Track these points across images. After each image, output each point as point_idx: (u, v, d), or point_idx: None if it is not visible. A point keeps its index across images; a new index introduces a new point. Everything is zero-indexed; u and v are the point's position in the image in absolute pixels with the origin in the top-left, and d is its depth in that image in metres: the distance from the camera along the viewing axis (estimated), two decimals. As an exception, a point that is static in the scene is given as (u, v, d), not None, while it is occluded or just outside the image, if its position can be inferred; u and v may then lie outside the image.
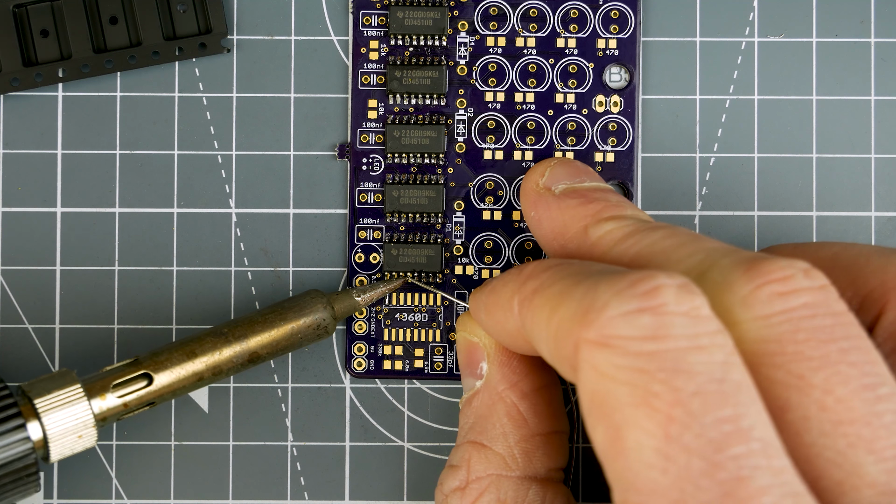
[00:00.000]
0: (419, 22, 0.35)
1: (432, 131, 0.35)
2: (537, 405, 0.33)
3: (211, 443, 0.36)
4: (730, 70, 0.36)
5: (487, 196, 0.36)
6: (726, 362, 0.25)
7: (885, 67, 0.36)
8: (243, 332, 0.34)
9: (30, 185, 0.36)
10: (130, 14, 0.36)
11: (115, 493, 0.36)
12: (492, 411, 0.32)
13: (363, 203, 0.36)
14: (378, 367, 0.36)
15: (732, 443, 0.24)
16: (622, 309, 0.25)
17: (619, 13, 0.36)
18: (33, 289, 0.36)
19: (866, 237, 0.36)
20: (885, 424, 0.25)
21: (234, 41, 0.36)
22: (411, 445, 0.36)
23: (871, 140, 0.36)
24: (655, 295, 0.25)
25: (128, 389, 0.33)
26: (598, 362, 0.25)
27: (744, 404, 0.24)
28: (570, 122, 0.36)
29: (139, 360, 0.33)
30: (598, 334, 0.25)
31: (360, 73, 0.36)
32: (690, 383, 0.24)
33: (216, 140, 0.36)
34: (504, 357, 0.33)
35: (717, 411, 0.24)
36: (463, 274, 0.36)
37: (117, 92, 0.36)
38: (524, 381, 0.33)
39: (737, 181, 0.36)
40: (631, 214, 0.31)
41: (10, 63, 0.35)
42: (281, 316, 0.34)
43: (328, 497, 0.36)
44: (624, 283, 0.26)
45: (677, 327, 0.25)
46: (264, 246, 0.36)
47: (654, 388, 0.24)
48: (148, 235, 0.36)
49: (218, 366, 0.33)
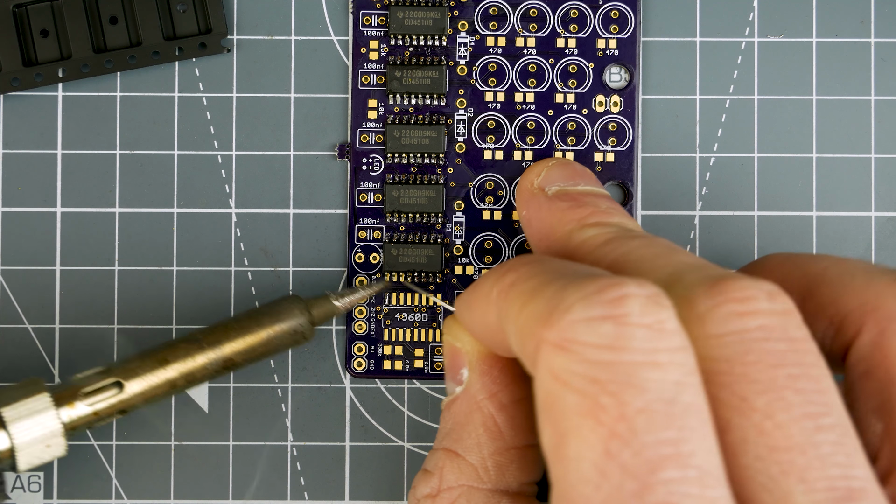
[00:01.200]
0: (419, 22, 0.35)
1: (432, 131, 0.35)
2: (515, 417, 0.32)
3: (211, 443, 0.36)
4: (730, 70, 0.36)
5: (487, 196, 0.36)
6: (680, 382, 0.24)
7: (885, 67, 0.36)
8: (217, 339, 0.33)
9: (30, 185, 0.36)
10: (130, 14, 0.36)
11: (115, 493, 0.36)
12: (468, 420, 0.32)
13: (363, 203, 0.36)
14: (378, 367, 0.36)
15: (668, 466, 0.23)
16: (585, 314, 0.25)
17: (619, 13, 0.36)
18: (33, 289, 0.36)
19: (866, 237, 0.36)
20: (820, 455, 0.24)
21: (234, 41, 0.36)
22: (411, 445, 0.36)
23: (871, 140, 0.36)
24: (621, 304, 0.25)
25: (98, 398, 0.32)
26: (554, 365, 0.25)
27: (689, 428, 0.24)
28: (570, 122, 0.36)
29: (110, 368, 0.33)
30: (559, 336, 0.25)
31: (360, 73, 0.36)
32: (638, 399, 0.24)
33: (216, 140, 0.36)
34: (485, 366, 0.32)
35: (660, 432, 0.24)
36: (463, 274, 0.36)
37: (117, 92, 0.36)
38: (503, 391, 0.32)
39: (737, 181, 0.36)
40: (617, 222, 0.31)
41: (10, 63, 0.35)
42: (257, 322, 0.33)
43: (328, 497, 0.36)
44: (592, 287, 0.25)
45: (637, 339, 0.24)
46: (264, 246, 0.36)
47: (603, 400, 0.24)
48: (148, 235, 0.36)
49: (191, 373, 0.33)
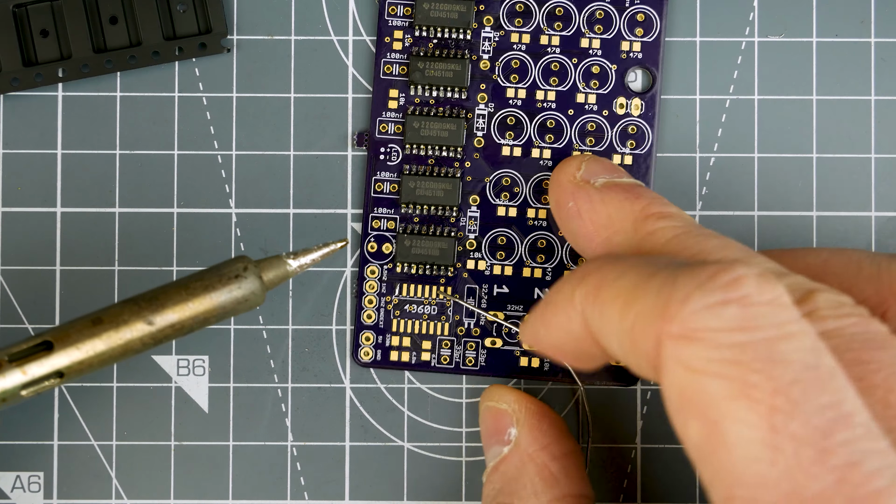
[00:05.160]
0: (445, 14, 0.35)
1: (452, 124, 0.35)
2: (567, 468, 0.33)
3: (211, 443, 0.36)
4: (730, 70, 0.36)
5: (503, 192, 0.36)
6: (815, 347, 0.25)
7: (885, 67, 0.36)
8: (157, 300, 0.31)
9: (30, 185, 0.36)
10: (130, 14, 0.36)
11: (115, 493, 0.36)
12: (521, 473, 0.33)
13: (379, 192, 0.36)
14: (385, 358, 0.36)
15: (839, 428, 0.24)
16: (706, 301, 0.25)
17: (645, 16, 0.36)
18: (33, 289, 0.36)
19: (866, 237, 0.36)
20: None
21: (234, 41, 0.36)
22: (411, 445, 0.36)
23: (871, 140, 0.36)
24: (738, 286, 0.25)
25: (28, 360, 0.31)
26: (685, 357, 0.25)
27: (841, 389, 0.24)
28: (590, 122, 0.36)
29: (42, 333, 0.31)
30: (683, 328, 0.25)
31: (383, 62, 0.36)
32: (787, 372, 0.24)
33: (216, 140, 0.36)
34: (535, 420, 0.33)
35: (818, 398, 0.24)
36: (475, 269, 0.36)
37: (117, 92, 0.36)
38: (554, 444, 0.33)
39: (737, 181, 0.36)
40: (676, 213, 0.31)
41: (10, 63, 0.35)
42: (202, 284, 0.31)
43: (328, 497, 0.36)
44: (704, 274, 0.25)
45: (764, 317, 0.25)
46: (264, 246, 0.36)
47: (752, 378, 0.24)
48: (148, 235, 0.36)
49: (128, 332, 0.31)
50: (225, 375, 0.36)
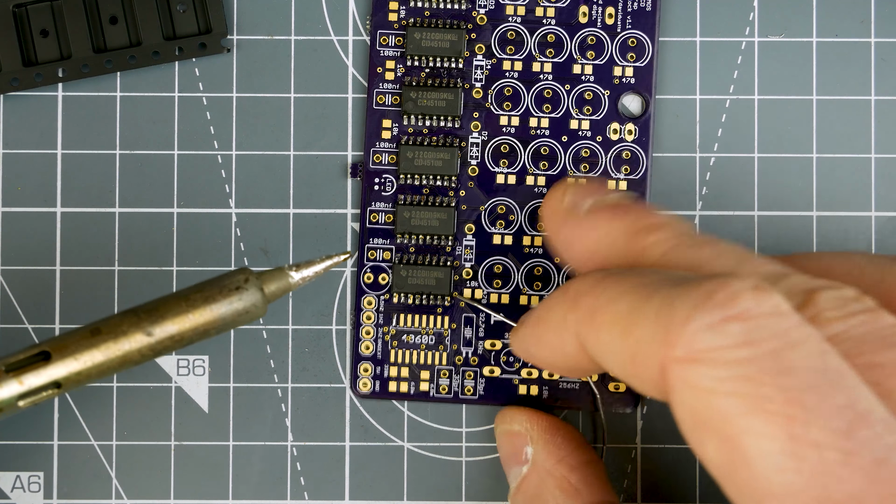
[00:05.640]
0: (436, 43, 0.35)
1: (446, 153, 0.35)
2: (587, 477, 0.33)
3: (211, 443, 0.36)
4: (730, 70, 0.36)
5: (499, 220, 0.36)
6: (821, 350, 0.24)
7: (885, 67, 0.36)
8: (157, 311, 0.31)
9: (30, 185, 0.36)
10: (130, 14, 0.36)
11: (115, 493, 0.36)
12: (542, 488, 0.33)
13: (374, 223, 0.36)
14: (384, 389, 0.36)
15: (858, 427, 0.24)
16: (706, 321, 0.25)
17: (637, 41, 0.36)
18: (33, 289, 0.36)
19: (866, 237, 0.36)
20: None
21: (234, 41, 0.36)
22: (411, 445, 0.36)
23: (871, 140, 0.36)
24: (735, 301, 0.25)
25: (25, 371, 0.30)
26: (694, 379, 0.25)
27: (853, 387, 0.24)
28: (584, 148, 0.36)
29: (40, 343, 0.31)
30: (688, 350, 0.25)
31: (376, 92, 0.36)
32: (797, 380, 0.24)
33: (216, 140, 0.36)
34: (548, 435, 0.33)
35: (833, 400, 0.24)
36: (472, 297, 0.36)
37: (117, 92, 0.36)
38: (571, 456, 0.33)
39: (737, 181, 0.36)
40: (666, 222, 0.31)
41: (10, 63, 0.35)
42: (203, 296, 0.31)
43: (328, 497, 0.36)
44: (700, 293, 0.25)
45: (766, 328, 0.24)
46: (264, 246, 0.36)
47: (763, 391, 0.24)
48: (148, 235, 0.36)
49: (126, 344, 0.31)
50: (225, 375, 0.36)
